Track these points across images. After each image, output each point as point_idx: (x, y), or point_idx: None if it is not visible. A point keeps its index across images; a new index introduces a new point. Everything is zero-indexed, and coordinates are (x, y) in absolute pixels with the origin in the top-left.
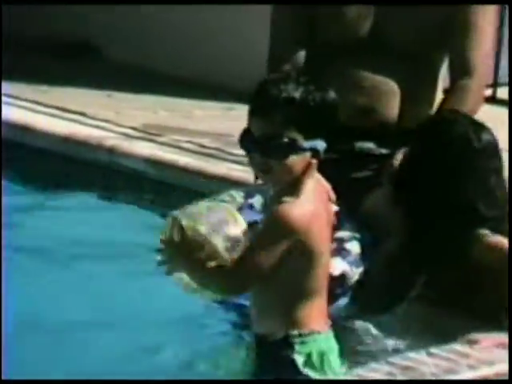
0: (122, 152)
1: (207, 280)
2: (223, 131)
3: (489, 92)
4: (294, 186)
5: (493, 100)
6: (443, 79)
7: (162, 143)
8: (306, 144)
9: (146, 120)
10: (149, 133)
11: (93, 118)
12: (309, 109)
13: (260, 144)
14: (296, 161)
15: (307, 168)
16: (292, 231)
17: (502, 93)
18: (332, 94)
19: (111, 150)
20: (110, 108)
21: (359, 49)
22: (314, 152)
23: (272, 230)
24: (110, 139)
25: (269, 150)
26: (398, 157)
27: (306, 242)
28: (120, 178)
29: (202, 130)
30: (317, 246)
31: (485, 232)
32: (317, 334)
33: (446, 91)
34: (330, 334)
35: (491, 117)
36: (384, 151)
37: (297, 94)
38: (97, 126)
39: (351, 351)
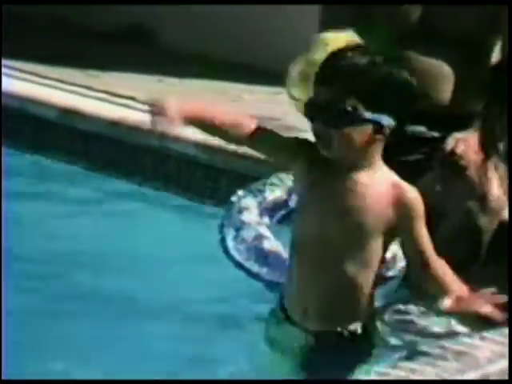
0: (173, 137)
1: None
2: (272, 115)
3: None
4: (362, 160)
5: None
6: None
7: None
8: (369, 115)
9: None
10: None
11: (143, 102)
12: (373, 79)
13: (321, 111)
14: (356, 132)
15: (372, 144)
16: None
17: None
18: (404, 73)
19: (162, 135)
20: (160, 93)
21: (411, 36)
22: (378, 126)
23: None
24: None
25: (329, 117)
26: (450, 140)
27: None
28: (171, 162)
29: (250, 114)
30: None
31: None
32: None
33: None
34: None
35: None
36: (436, 135)
37: (362, 62)
38: (147, 111)
39: (401, 334)
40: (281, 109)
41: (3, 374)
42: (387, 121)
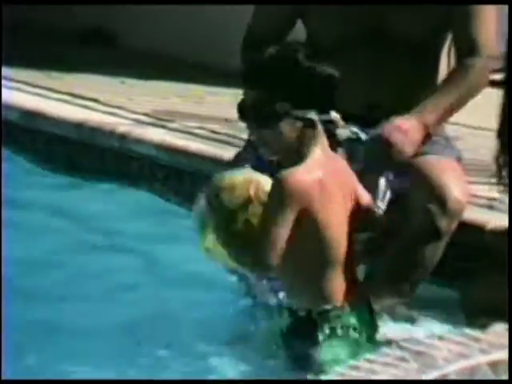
0: (134, 138)
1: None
2: (234, 117)
3: (499, 76)
4: (296, 156)
5: (505, 84)
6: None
7: (174, 129)
8: (297, 112)
9: (158, 106)
10: (161, 119)
11: (106, 104)
12: (299, 78)
13: (251, 113)
14: (287, 129)
15: (305, 138)
16: (292, 197)
17: None
18: (329, 70)
19: (123, 136)
20: (122, 94)
21: (361, 41)
22: (308, 122)
23: (275, 198)
24: (122, 125)
25: (260, 118)
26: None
27: (311, 210)
28: (132, 163)
29: (213, 116)
30: (325, 215)
31: None
32: (340, 309)
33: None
34: (360, 310)
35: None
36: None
37: (289, 62)
38: (109, 113)
39: None
40: None
41: (3, 374)
42: (315, 116)
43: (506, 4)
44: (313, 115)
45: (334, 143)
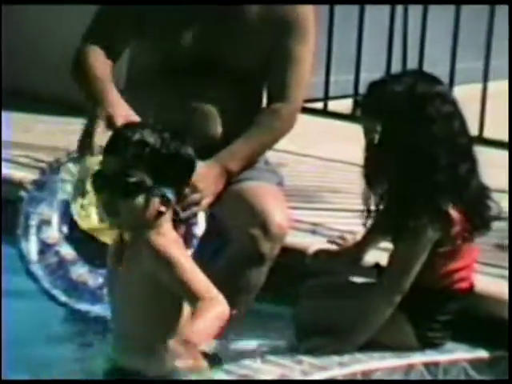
0: None
1: None
2: (64, 145)
3: (320, 105)
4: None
5: (324, 113)
6: None
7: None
8: (154, 187)
9: None
10: None
11: None
12: (160, 156)
13: (108, 181)
14: (142, 203)
15: (157, 215)
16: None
17: (332, 105)
18: (188, 150)
19: None
20: None
21: (188, 69)
22: (163, 199)
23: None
24: None
25: (116, 187)
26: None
27: None
28: None
29: (40, 145)
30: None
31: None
32: None
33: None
34: None
35: (323, 129)
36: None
37: (151, 139)
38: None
39: None
40: (71, 138)
41: (3, 374)
42: (171, 195)
43: (505, 4)
44: (169, 193)
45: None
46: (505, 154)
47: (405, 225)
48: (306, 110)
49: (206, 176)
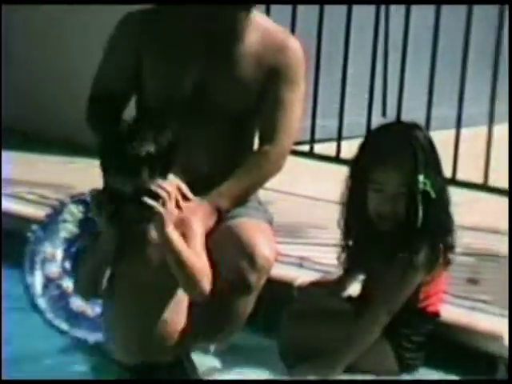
0: None
1: None
2: (66, 183)
3: (307, 147)
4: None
5: (310, 154)
6: None
7: (6, 195)
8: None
9: None
10: None
11: None
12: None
13: (136, 193)
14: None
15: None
16: None
17: (318, 148)
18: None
19: None
20: None
21: (184, 107)
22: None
23: None
24: None
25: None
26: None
27: None
28: None
29: (44, 182)
30: None
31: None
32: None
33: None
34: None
35: (309, 170)
36: None
37: (152, 149)
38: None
39: None
40: (73, 176)
41: (3, 374)
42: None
43: (505, 4)
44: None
45: None
46: (475, 193)
47: (406, 259)
48: (293, 152)
49: (196, 210)
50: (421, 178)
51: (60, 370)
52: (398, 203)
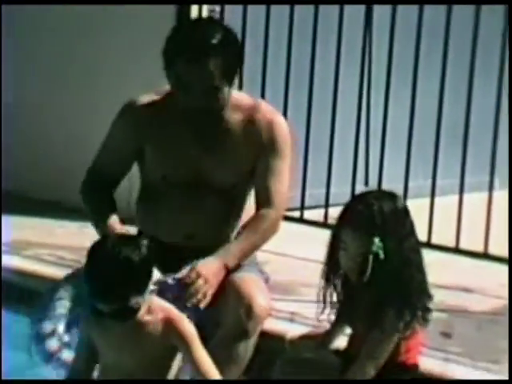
0: None
1: None
2: (82, 245)
3: (297, 214)
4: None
5: (301, 220)
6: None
7: (28, 256)
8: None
9: (14, 237)
10: (16, 248)
11: None
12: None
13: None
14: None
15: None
16: None
17: (307, 214)
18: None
19: None
20: None
21: (182, 183)
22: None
23: None
24: None
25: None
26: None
27: None
28: None
29: (61, 245)
30: None
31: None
32: None
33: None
34: None
35: (300, 234)
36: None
37: (135, 258)
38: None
39: None
40: (87, 239)
41: (3, 374)
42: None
43: (506, 4)
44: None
45: None
46: (448, 255)
47: (390, 321)
48: (286, 218)
49: (210, 267)
50: (376, 240)
51: None
52: (360, 262)
